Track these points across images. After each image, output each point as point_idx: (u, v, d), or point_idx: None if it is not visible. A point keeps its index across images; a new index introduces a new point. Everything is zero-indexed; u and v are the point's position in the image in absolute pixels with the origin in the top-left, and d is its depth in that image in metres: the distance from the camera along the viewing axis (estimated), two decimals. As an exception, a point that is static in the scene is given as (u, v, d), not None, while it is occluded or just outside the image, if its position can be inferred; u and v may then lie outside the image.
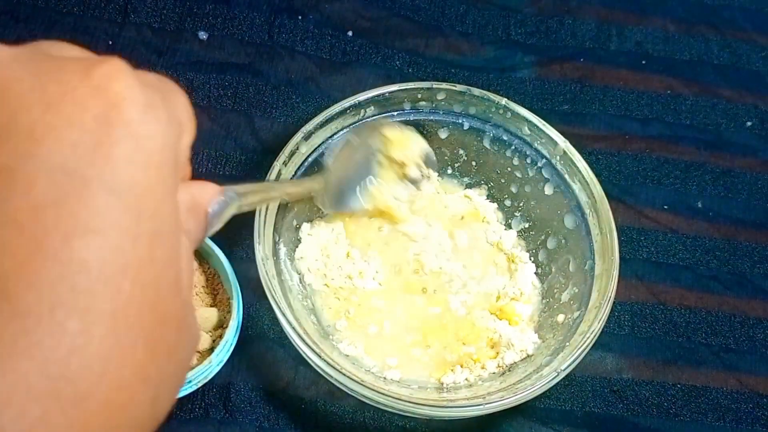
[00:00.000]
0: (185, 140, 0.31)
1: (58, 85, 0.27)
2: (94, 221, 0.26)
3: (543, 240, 0.67)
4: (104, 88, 0.27)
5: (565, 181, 0.65)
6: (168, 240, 0.28)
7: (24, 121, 0.26)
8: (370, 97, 0.65)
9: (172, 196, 0.29)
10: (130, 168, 0.27)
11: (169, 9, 0.76)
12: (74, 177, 0.26)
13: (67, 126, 0.26)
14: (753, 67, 0.79)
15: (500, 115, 0.66)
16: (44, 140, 0.26)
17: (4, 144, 0.26)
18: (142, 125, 0.28)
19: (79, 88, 0.27)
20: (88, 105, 0.27)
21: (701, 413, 0.65)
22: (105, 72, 0.28)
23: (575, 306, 0.62)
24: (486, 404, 0.56)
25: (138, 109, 0.28)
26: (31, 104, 0.27)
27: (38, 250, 0.25)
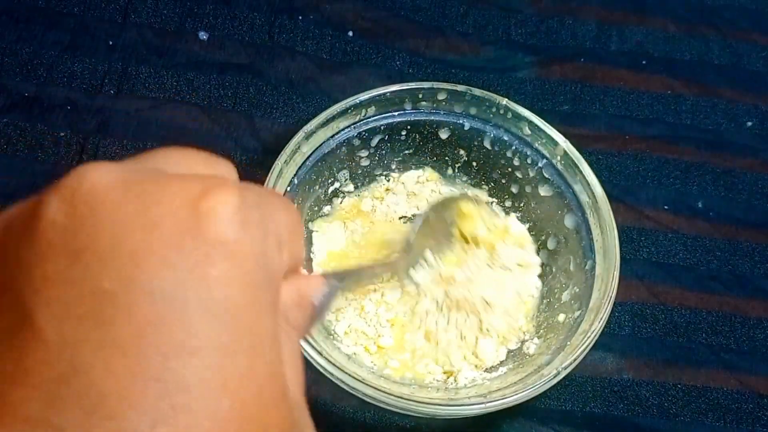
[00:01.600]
0: (284, 257, 0.31)
1: (161, 207, 0.27)
2: (191, 341, 0.26)
3: (543, 240, 0.67)
4: (207, 212, 0.28)
5: (566, 182, 0.65)
6: (267, 354, 0.29)
7: (126, 246, 0.27)
8: (371, 97, 0.65)
9: (269, 312, 0.29)
10: (226, 288, 0.27)
11: (169, 9, 0.76)
12: (173, 300, 0.27)
13: (167, 248, 0.27)
14: (753, 67, 0.80)
15: (501, 115, 0.66)
16: (145, 265, 0.27)
17: (107, 268, 0.27)
18: (238, 245, 0.28)
19: (178, 211, 0.27)
20: (188, 227, 0.27)
21: (701, 413, 0.65)
22: (213, 197, 0.28)
23: (576, 306, 0.62)
24: (487, 403, 0.56)
25: (234, 229, 0.28)
26: (134, 228, 0.27)
27: (139, 371, 0.26)
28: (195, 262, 0.27)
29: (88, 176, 0.28)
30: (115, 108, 0.72)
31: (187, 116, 0.72)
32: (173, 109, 0.72)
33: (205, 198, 0.28)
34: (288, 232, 0.32)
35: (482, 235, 0.65)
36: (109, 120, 0.71)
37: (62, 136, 0.70)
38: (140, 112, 0.72)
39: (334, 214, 0.68)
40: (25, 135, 0.70)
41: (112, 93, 0.72)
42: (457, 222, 0.65)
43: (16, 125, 0.70)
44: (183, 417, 0.26)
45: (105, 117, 0.71)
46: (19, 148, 0.69)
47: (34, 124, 0.70)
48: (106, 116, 0.71)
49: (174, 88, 0.73)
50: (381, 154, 0.68)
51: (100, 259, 0.27)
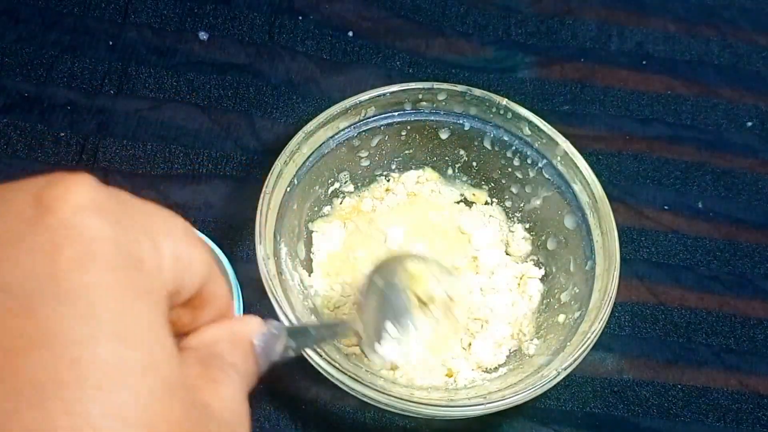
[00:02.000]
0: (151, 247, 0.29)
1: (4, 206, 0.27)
2: (38, 335, 0.25)
3: (544, 240, 0.67)
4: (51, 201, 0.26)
5: (566, 182, 0.65)
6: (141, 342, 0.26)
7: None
8: (371, 97, 0.65)
9: (142, 299, 0.27)
10: (77, 273, 0.26)
11: (169, 9, 0.76)
12: (18, 294, 0.25)
13: (7, 244, 0.26)
14: (753, 67, 0.80)
15: (501, 115, 0.66)
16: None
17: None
18: (88, 228, 0.26)
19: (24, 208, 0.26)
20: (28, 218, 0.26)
21: (702, 414, 0.65)
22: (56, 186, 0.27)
23: (576, 306, 0.62)
24: (487, 404, 0.56)
25: (82, 213, 0.26)
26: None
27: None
28: (40, 252, 0.26)
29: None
30: (115, 108, 0.72)
31: (187, 116, 0.72)
32: (173, 109, 0.72)
33: (47, 188, 0.27)
34: (165, 228, 0.30)
35: (438, 295, 0.61)
36: (108, 120, 0.71)
37: (62, 137, 0.70)
38: (140, 113, 0.72)
39: (334, 214, 0.68)
40: (24, 135, 0.70)
41: (112, 93, 0.72)
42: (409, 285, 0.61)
43: (15, 125, 0.70)
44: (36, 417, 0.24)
45: (105, 117, 0.71)
46: (19, 148, 0.69)
47: (34, 124, 0.70)
48: (105, 116, 0.71)
49: (174, 88, 0.73)
50: (381, 155, 0.68)
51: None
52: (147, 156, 0.70)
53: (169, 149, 0.70)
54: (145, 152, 0.70)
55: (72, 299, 0.25)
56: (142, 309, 0.27)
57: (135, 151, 0.70)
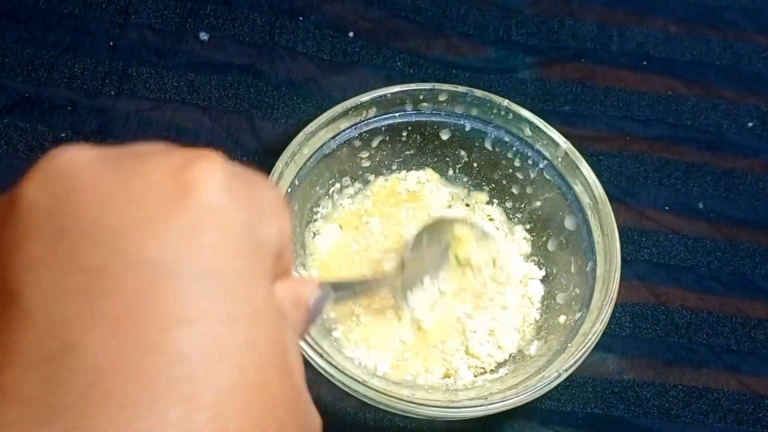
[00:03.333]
0: (271, 230, 0.31)
1: (141, 180, 0.27)
2: (186, 311, 0.26)
3: (544, 241, 0.67)
4: (191, 183, 0.27)
5: (567, 183, 0.65)
6: (266, 323, 0.28)
7: (109, 221, 0.27)
8: (372, 98, 0.65)
9: (264, 281, 0.29)
10: (217, 256, 0.27)
11: (170, 10, 0.76)
12: (163, 269, 0.26)
13: (152, 219, 0.27)
14: (754, 67, 0.79)
15: (502, 116, 0.66)
16: (130, 236, 0.26)
17: (92, 244, 0.26)
18: (225, 213, 0.28)
19: (161, 182, 0.27)
20: (172, 197, 0.27)
21: (702, 414, 0.65)
22: (196, 166, 0.28)
23: (577, 307, 0.62)
24: (488, 405, 0.56)
25: (221, 197, 0.28)
26: (115, 203, 0.27)
27: (136, 345, 0.25)
28: (183, 232, 0.27)
29: (63, 156, 0.28)
30: (116, 109, 0.72)
31: (187, 117, 0.72)
32: (174, 109, 0.72)
33: (188, 167, 0.28)
34: (273, 207, 0.31)
35: (475, 260, 0.64)
36: (109, 121, 0.71)
37: (63, 137, 0.70)
38: (141, 113, 0.72)
39: (335, 215, 0.68)
40: (25, 136, 0.70)
41: (113, 94, 0.72)
42: (452, 245, 0.64)
43: (16, 126, 0.70)
44: (183, 388, 0.25)
45: (105, 118, 0.71)
46: (20, 148, 0.69)
47: (35, 124, 0.70)
48: (106, 117, 0.71)
49: (174, 88, 0.73)
50: (382, 155, 0.68)
51: (85, 236, 0.26)
52: (147, 157, 0.70)
53: (169, 150, 0.70)
54: (145, 153, 0.70)
55: (213, 281, 0.27)
56: (265, 290, 0.29)
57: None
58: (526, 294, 0.66)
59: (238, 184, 0.29)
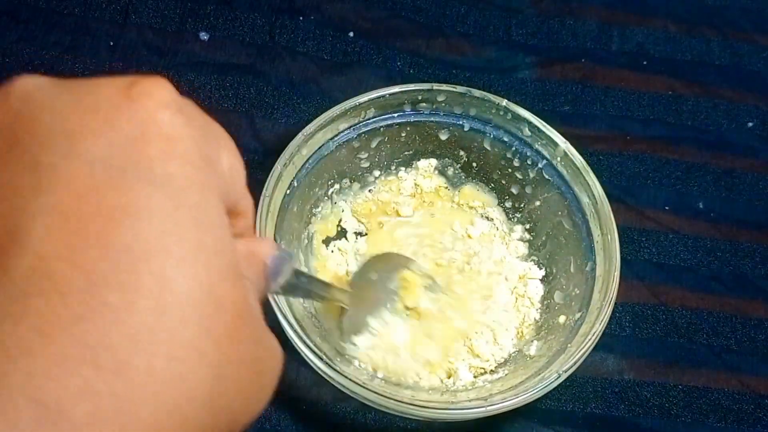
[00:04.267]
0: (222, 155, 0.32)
1: (93, 96, 0.28)
2: (133, 206, 0.27)
3: (544, 241, 0.67)
4: (138, 95, 0.28)
5: (566, 182, 0.65)
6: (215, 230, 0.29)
7: (63, 127, 0.28)
8: (371, 99, 0.65)
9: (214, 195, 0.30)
10: (165, 162, 0.28)
11: (170, 10, 0.76)
12: (113, 169, 0.27)
13: (103, 127, 0.28)
14: (754, 67, 0.79)
15: (501, 116, 0.66)
16: (83, 139, 0.27)
17: (45, 146, 0.27)
18: (174, 127, 0.29)
19: (114, 97, 0.28)
20: (123, 109, 0.28)
21: (702, 414, 0.65)
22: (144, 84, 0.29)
23: (576, 307, 0.61)
24: (488, 406, 0.56)
25: (171, 113, 0.29)
26: (69, 113, 0.28)
27: (80, 234, 0.26)
28: (132, 138, 0.28)
29: (19, 80, 0.29)
30: (116, 109, 0.72)
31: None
32: (174, 109, 0.72)
33: (137, 84, 0.29)
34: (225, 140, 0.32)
35: (423, 307, 0.63)
36: (109, 121, 0.71)
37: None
38: (141, 113, 0.72)
39: (334, 216, 0.68)
40: (25, 136, 0.70)
41: (113, 94, 0.72)
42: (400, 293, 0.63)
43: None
44: (125, 277, 0.26)
45: (106, 118, 0.71)
46: (20, 149, 0.69)
47: (35, 125, 0.70)
48: (106, 117, 0.71)
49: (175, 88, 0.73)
50: (381, 156, 0.68)
51: (38, 141, 0.28)
52: (148, 156, 0.70)
53: (169, 150, 0.70)
54: (146, 153, 0.70)
55: (161, 183, 0.28)
56: (215, 202, 0.30)
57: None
58: (526, 294, 0.66)
59: (187, 107, 0.30)
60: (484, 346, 0.63)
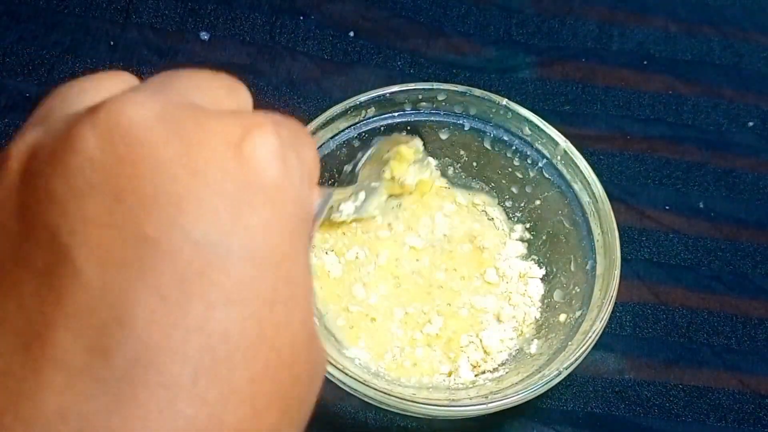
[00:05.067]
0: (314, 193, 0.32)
1: (204, 151, 0.27)
2: (233, 291, 0.26)
3: (544, 240, 0.67)
4: (248, 156, 0.28)
5: (566, 182, 0.65)
6: (302, 301, 0.29)
7: (169, 190, 0.26)
8: (371, 98, 0.65)
9: (304, 255, 0.30)
10: (267, 235, 0.27)
11: (170, 9, 0.76)
12: (217, 247, 0.26)
13: (210, 195, 0.27)
14: (755, 67, 0.79)
15: (501, 115, 0.66)
16: (189, 211, 0.26)
17: (150, 213, 0.26)
18: (280, 191, 0.28)
19: (222, 155, 0.27)
20: (231, 172, 0.27)
21: (703, 414, 0.65)
22: (254, 139, 0.28)
23: (577, 306, 0.62)
24: (488, 403, 0.56)
25: (275, 174, 0.28)
26: (177, 172, 0.27)
27: (183, 322, 0.26)
28: (239, 209, 0.27)
29: (125, 111, 0.27)
30: (116, 108, 0.72)
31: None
32: (174, 109, 0.72)
33: (246, 140, 0.28)
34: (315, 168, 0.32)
35: (409, 183, 0.66)
36: (110, 120, 0.71)
37: (63, 137, 0.70)
38: (141, 113, 0.72)
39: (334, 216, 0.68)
40: (26, 135, 0.70)
41: (113, 93, 0.72)
42: (391, 163, 0.66)
43: (16, 126, 0.70)
44: (223, 369, 0.26)
45: (106, 117, 0.71)
46: (20, 148, 0.69)
47: (35, 124, 0.70)
48: (107, 117, 0.71)
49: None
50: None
51: (143, 204, 0.26)
52: (148, 156, 0.70)
53: (170, 149, 0.70)
54: (146, 152, 0.70)
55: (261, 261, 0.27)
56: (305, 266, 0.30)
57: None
58: (526, 293, 0.66)
59: (290, 157, 0.29)
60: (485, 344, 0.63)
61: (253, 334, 0.27)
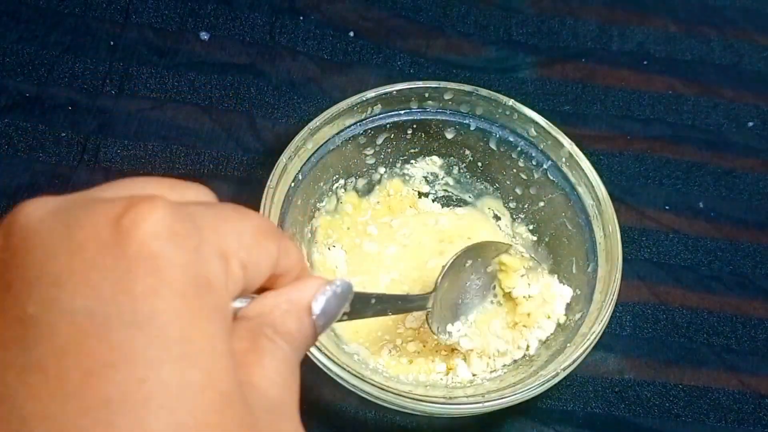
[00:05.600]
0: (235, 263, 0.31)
1: (84, 230, 0.28)
2: (111, 355, 0.27)
3: (547, 242, 0.67)
4: (128, 228, 0.28)
5: (571, 184, 0.64)
6: (204, 361, 0.28)
7: (51, 270, 0.28)
8: (378, 95, 0.65)
9: (208, 321, 0.29)
10: (150, 299, 0.27)
11: (170, 10, 0.76)
12: (95, 317, 0.27)
13: (89, 269, 0.27)
14: (754, 67, 0.80)
15: (507, 116, 0.66)
16: (67, 286, 0.27)
17: (32, 294, 0.27)
18: (162, 257, 0.28)
19: (101, 231, 0.28)
20: (110, 247, 0.28)
21: (703, 414, 0.65)
22: (134, 213, 0.28)
23: (577, 308, 0.62)
24: (485, 402, 0.56)
25: (157, 242, 0.28)
26: (58, 253, 0.28)
27: (60, 391, 0.26)
28: (117, 279, 0.27)
29: (24, 210, 0.29)
30: (117, 108, 0.72)
31: (188, 116, 0.72)
32: (174, 109, 0.72)
33: (127, 214, 0.28)
34: (239, 242, 0.31)
35: (517, 293, 0.64)
36: (110, 120, 0.71)
37: (63, 137, 0.70)
38: (141, 113, 0.72)
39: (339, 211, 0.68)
40: (26, 135, 0.70)
41: (113, 93, 0.72)
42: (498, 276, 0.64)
43: (17, 125, 0.70)
44: (100, 429, 0.26)
45: (106, 117, 0.71)
46: (20, 148, 0.69)
47: (35, 124, 0.70)
48: (107, 117, 0.71)
49: (175, 88, 0.73)
50: (386, 153, 0.68)
51: (27, 286, 0.28)
52: (148, 156, 0.70)
53: (170, 149, 0.70)
54: (146, 152, 0.70)
55: (143, 324, 0.27)
56: (207, 328, 0.29)
57: (136, 152, 0.70)
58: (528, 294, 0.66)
59: (182, 227, 0.29)
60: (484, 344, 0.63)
61: (137, 396, 0.26)
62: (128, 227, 0.28)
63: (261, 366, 0.31)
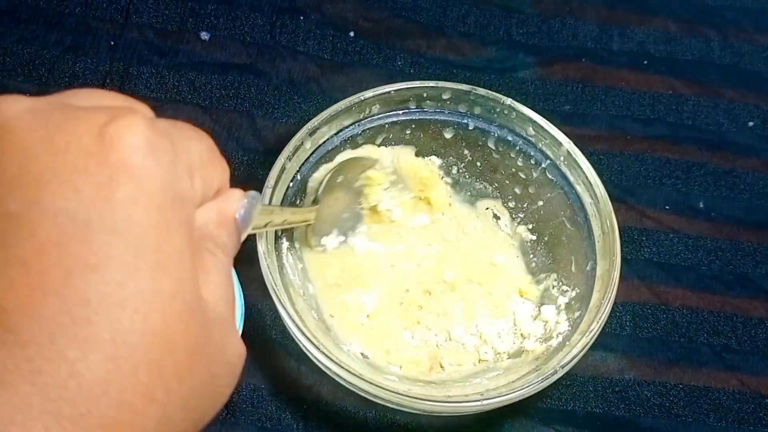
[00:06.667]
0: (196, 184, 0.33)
1: (66, 134, 0.29)
2: (92, 258, 0.28)
3: (546, 241, 0.67)
4: (110, 137, 0.29)
5: (569, 183, 0.65)
6: (175, 271, 0.30)
7: (32, 170, 0.29)
8: (376, 95, 0.65)
9: (179, 233, 0.31)
10: (130, 209, 0.29)
11: (171, 9, 0.76)
12: (76, 219, 0.28)
13: (71, 172, 0.29)
14: (755, 67, 0.80)
15: (505, 115, 0.66)
16: (49, 186, 0.28)
17: (13, 192, 0.28)
18: (143, 169, 0.29)
19: (84, 137, 0.29)
20: (93, 153, 0.29)
21: (703, 414, 0.65)
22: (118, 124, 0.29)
23: (576, 306, 0.62)
24: (483, 400, 0.56)
25: (140, 154, 0.29)
26: (40, 154, 0.29)
27: (40, 287, 0.28)
28: (99, 185, 0.29)
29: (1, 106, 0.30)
30: (117, 108, 0.72)
31: (188, 116, 0.72)
32: (175, 109, 0.72)
33: (110, 125, 0.29)
34: (199, 160, 0.33)
35: (382, 207, 0.67)
36: (110, 120, 0.71)
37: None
38: (141, 113, 0.72)
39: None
40: (26, 135, 0.69)
41: (114, 93, 0.72)
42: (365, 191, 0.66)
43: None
44: (82, 330, 0.27)
45: (106, 117, 0.71)
46: (21, 148, 0.69)
47: (36, 124, 0.70)
48: (107, 116, 0.71)
49: (175, 88, 0.73)
50: (386, 153, 0.68)
51: (8, 183, 0.28)
52: (148, 156, 0.70)
53: (170, 149, 0.70)
54: (146, 152, 0.70)
55: (122, 231, 0.29)
56: (178, 240, 0.31)
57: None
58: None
59: (161, 142, 0.30)
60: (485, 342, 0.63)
61: (114, 299, 0.28)
62: (112, 137, 0.29)
63: (208, 281, 0.33)
